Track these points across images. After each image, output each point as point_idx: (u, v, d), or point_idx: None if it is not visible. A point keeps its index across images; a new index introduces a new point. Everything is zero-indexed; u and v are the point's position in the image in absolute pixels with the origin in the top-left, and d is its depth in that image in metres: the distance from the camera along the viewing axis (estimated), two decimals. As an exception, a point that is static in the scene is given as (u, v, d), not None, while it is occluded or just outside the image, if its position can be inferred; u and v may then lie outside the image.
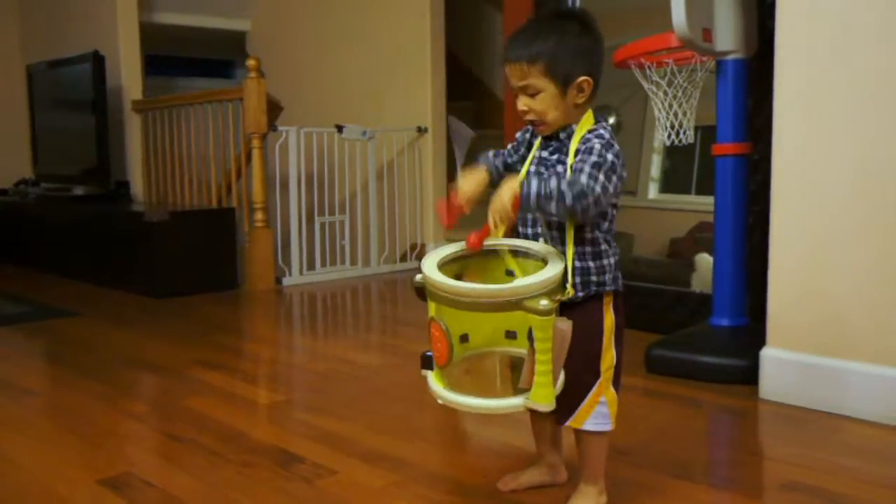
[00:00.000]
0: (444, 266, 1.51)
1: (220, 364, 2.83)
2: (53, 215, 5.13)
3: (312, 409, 2.36)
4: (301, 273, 4.53)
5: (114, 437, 2.15)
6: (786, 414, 2.22)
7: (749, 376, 2.40)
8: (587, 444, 1.58)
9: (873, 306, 2.14)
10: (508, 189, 1.47)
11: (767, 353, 2.34)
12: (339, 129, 4.62)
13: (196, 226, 4.34)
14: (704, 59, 2.63)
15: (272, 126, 4.42)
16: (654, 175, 3.36)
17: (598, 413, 1.54)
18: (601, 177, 1.45)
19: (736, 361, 2.47)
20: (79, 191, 5.19)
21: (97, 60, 4.90)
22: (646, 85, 2.74)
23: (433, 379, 1.50)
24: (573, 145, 1.53)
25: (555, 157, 1.56)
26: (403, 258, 5.00)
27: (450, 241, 4.75)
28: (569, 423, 1.55)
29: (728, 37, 2.55)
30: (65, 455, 2.00)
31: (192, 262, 4.26)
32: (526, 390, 1.43)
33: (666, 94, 2.69)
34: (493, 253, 1.56)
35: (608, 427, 1.56)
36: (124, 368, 2.82)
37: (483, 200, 1.60)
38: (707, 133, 2.90)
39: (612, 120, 3.40)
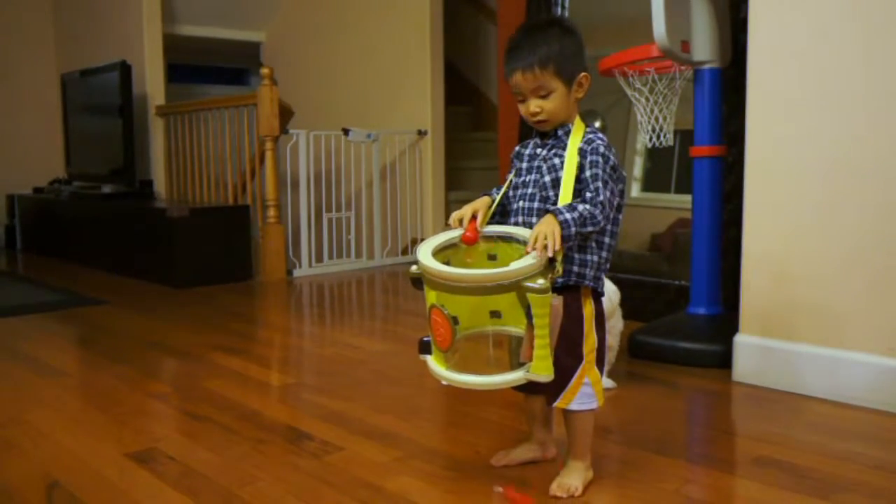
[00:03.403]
0: (434, 255, 1.51)
1: (236, 349, 2.83)
2: (84, 212, 5.12)
3: (320, 390, 2.36)
4: (310, 265, 4.52)
5: (139, 415, 2.14)
6: (756, 395, 2.22)
7: (723, 360, 2.40)
8: (574, 422, 1.57)
9: (836, 297, 2.14)
10: (552, 220, 1.44)
11: (740, 340, 2.34)
12: (346, 132, 4.61)
13: (214, 221, 4.33)
14: (683, 68, 2.63)
15: (284, 129, 4.41)
16: (636, 175, 3.36)
17: (583, 393, 1.54)
18: (610, 182, 1.50)
19: (711, 347, 2.47)
20: (107, 189, 5.18)
21: (124, 69, 4.90)
22: (629, 92, 2.73)
23: (434, 362, 1.49)
24: (573, 142, 1.54)
25: (552, 152, 1.56)
26: (405, 251, 4.99)
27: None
28: (556, 404, 1.54)
29: (705, 48, 2.55)
30: (94, 430, 2.00)
31: (210, 254, 4.25)
32: (522, 364, 1.43)
33: (647, 100, 2.69)
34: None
35: (594, 405, 1.56)
36: (148, 352, 2.82)
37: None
38: (685, 136, 2.89)
39: (597, 124, 3.39)
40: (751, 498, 1.58)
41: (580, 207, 1.46)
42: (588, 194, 1.48)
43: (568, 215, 1.45)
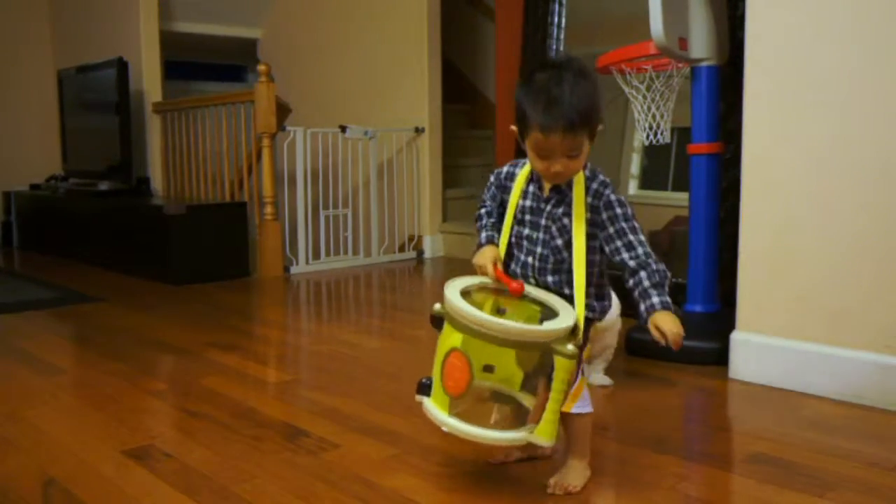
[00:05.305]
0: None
1: (232, 346, 2.83)
2: (81, 208, 5.11)
3: (317, 387, 2.36)
4: (307, 262, 4.52)
5: (136, 412, 2.14)
6: (753, 392, 2.23)
7: (720, 358, 2.41)
8: (577, 424, 1.58)
9: (833, 294, 2.14)
10: (673, 318, 1.44)
11: (737, 337, 2.35)
12: (343, 129, 4.61)
13: (211, 219, 4.32)
14: (680, 65, 2.63)
15: (281, 126, 4.41)
16: (633, 172, 3.36)
17: (582, 397, 1.55)
18: (640, 227, 1.51)
19: (708, 344, 2.47)
20: (104, 186, 5.17)
21: (121, 66, 4.89)
22: (626, 89, 2.73)
23: (433, 406, 1.48)
24: (578, 195, 1.49)
25: (560, 209, 1.52)
26: (402, 249, 4.99)
27: (444, 233, 4.73)
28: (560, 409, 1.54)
29: (702, 45, 2.55)
30: (91, 427, 2.00)
31: (207, 252, 4.25)
32: (519, 424, 1.44)
33: (645, 97, 2.69)
34: (485, 290, 1.54)
35: (590, 409, 1.57)
36: (145, 349, 2.82)
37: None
38: (683, 134, 2.89)
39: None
40: (747, 495, 1.59)
41: (657, 277, 1.47)
42: (640, 249, 1.48)
43: (668, 299, 1.46)
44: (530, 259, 1.55)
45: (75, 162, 5.65)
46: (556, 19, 3.53)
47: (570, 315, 1.44)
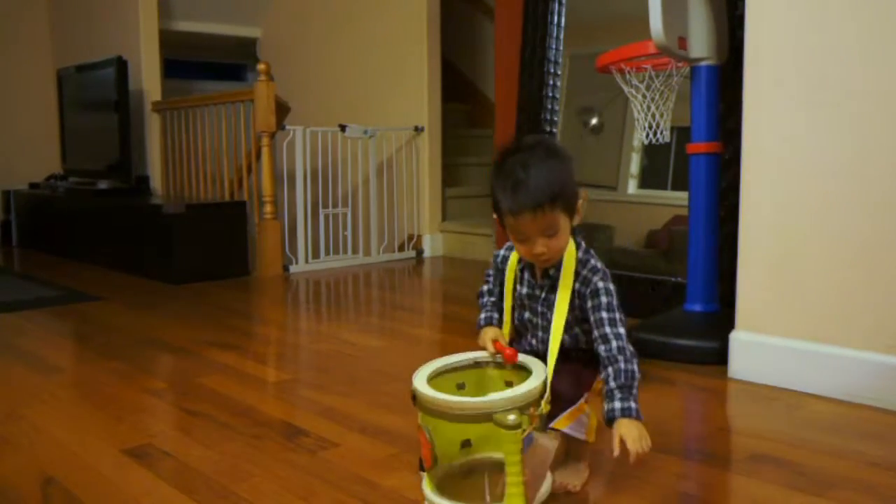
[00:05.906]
0: (444, 374, 1.48)
1: (232, 345, 2.82)
2: (80, 207, 5.11)
3: (316, 386, 2.36)
4: (307, 261, 4.52)
5: (135, 411, 2.14)
6: (752, 392, 2.22)
7: (719, 357, 2.40)
8: (571, 438, 1.57)
9: (833, 293, 2.14)
10: (640, 429, 1.39)
11: (736, 336, 2.35)
12: (343, 128, 4.61)
13: (210, 218, 4.32)
14: (680, 65, 2.63)
15: (280, 125, 4.41)
16: (633, 172, 3.35)
17: (578, 421, 1.52)
18: (621, 318, 1.47)
19: (707, 344, 2.47)
20: (103, 185, 5.17)
21: (121, 65, 4.89)
22: (626, 88, 2.73)
23: (424, 477, 1.47)
24: (565, 279, 1.48)
25: (553, 296, 1.50)
26: (401, 248, 4.99)
27: (443, 232, 4.73)
28: (553, 424, 1.50)
29: (701, 45, 2.55)
30: (90, 427, 2.00)
31: (206, 251, 4.24)
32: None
33: (644, 96, 2.68)
34: (492, 364, 1.53)
35: (583, 437, 1.53)
36: (144, 348, 2.81)
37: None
38: (682, 133, 2.89)
39: (594, 121, 3.38)
40: (746, 494, 1.58)
41: (622, 378, 1.41)
42: (614, 343, 1.44)
43: (634, 405, 1.40)
44: (534, 341, 1.56)
45: (75, 161, 5.65)
46: (555, 18, 3.53)
47: (526, 384, 1.38)
